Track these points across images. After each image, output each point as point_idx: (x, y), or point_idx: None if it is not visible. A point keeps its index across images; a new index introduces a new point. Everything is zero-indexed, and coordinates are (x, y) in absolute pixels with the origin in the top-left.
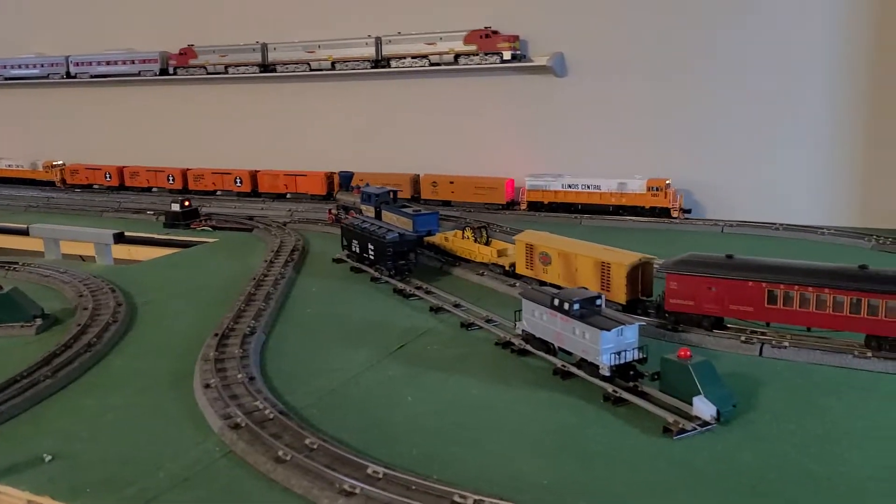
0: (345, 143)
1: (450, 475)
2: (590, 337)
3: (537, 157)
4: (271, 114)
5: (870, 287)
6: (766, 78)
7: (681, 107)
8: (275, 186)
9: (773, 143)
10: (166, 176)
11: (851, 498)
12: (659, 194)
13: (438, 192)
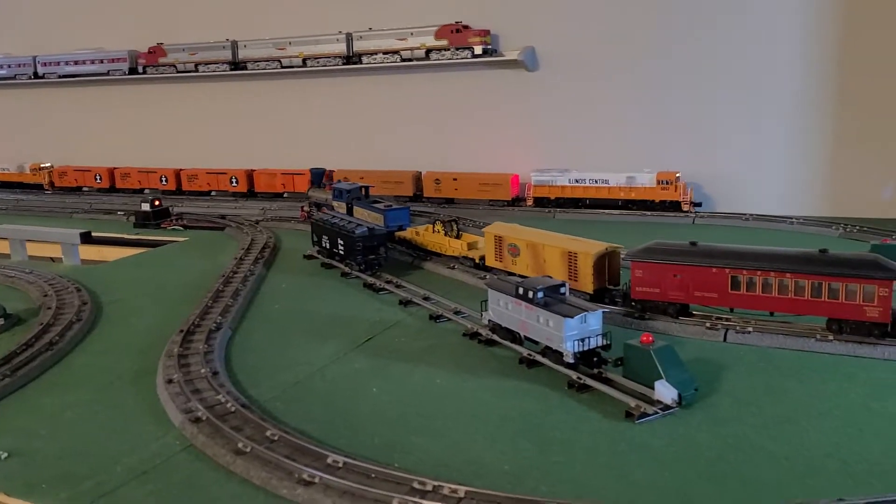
0: (319, 140)
1: (411, 463)
2: (553, 324)
3: (511, 151)
4: (243, 112)
5: (830, 271)
6: (738, 71)
7: (654, 100)
8: (272, 186)
9: (745, 136)
10: (159, 177)
11: (808, 475)
12: (669, 188)
13: (442, 190)
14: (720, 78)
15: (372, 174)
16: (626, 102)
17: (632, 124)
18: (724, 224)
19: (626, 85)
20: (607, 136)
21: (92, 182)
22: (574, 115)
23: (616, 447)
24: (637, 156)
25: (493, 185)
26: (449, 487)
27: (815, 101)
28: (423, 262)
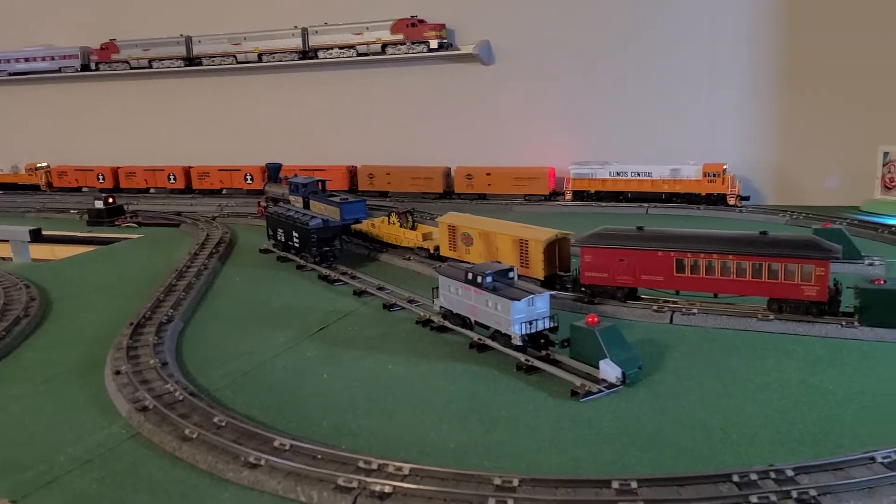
0: (275, 135)
1: (358, 444)
2: (502, 308)
3: (470, 145)
4: (199, 108)
5: (770, 252)
6: (688, 62)
7: (606, 92)
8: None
9: (696, 127)
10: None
11: (741, 444)
12: (716, 180)
13: (474, 186)
14: (671, 69)
15: (400, 170)
16: (580, 95)
17: (585, 117)
18: (677, 214)
19: (578, 78)
20: (564, 129)
21: (95, 182)
22: (530, 109)
23: (560, 424)
24: (594, 149)
25: (528, 179)
26: (394, 465)
27: (762, 93)
28: (378, 254)
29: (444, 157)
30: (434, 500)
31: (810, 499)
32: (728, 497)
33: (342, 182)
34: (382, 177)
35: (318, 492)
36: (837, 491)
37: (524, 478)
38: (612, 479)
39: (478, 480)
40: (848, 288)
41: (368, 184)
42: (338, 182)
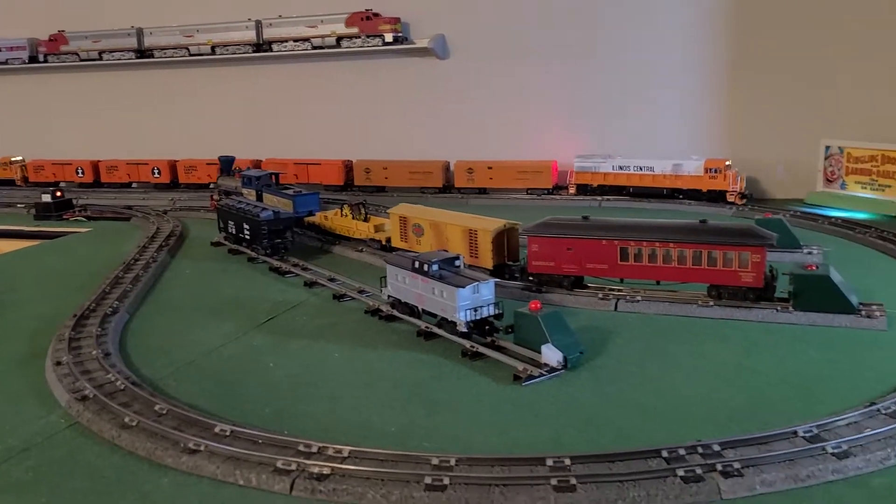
0: (228, 128)
1: (301, 429)
2: (447, 295)
3: (427, 138)
4: (149, 101)
5: (709, 240)
6: (639, 56)
7: (560, 86)
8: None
9: (643, 121)
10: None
11: (674, 422)
12: (717, 176)
13: (475, 180)
14: (617, 64)
15: (397, 165)
16: (539, 87)
17: (543, 108)
18: (627, 207)
19: (537, 71)
20: (521, 122)
21: (74, 176)
22: (486, 103)
23: (501, 407)
24: (546, 143)
25: (532, 172)
26: (334, 448)
27: (710, 89)
28: (331, 247)
29: (408, 151)
30: (372, 481)
31: (734, 471)
32: (657, 471)
33: (337, 177)
34: (379, 171)
35: (256, 475)
36: (760, 463)
37: (461, 457)
38: (547, 456)
39: (416, 461)
40: (783, 275)
41: (365, 178)
42: (333, 177)
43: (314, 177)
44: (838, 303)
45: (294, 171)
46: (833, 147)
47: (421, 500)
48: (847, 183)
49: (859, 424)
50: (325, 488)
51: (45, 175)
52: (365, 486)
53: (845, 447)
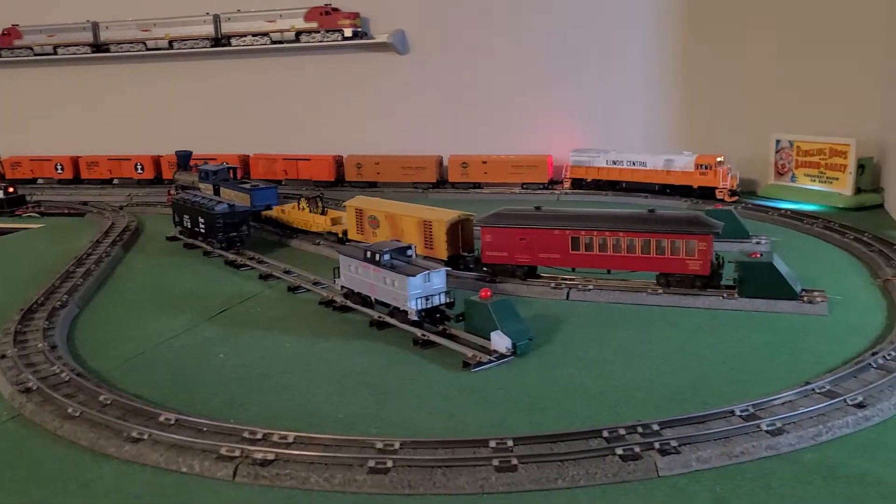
0: (188, 124)
1: (248, 417)
2: (398, 284)
3: (383, 133)
4: (105, 96)
5: (657, 228)
6: (592, 52)
7: (520, 82)
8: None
9: (599, 116)
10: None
11: (618, 405)
12: (707, 173)
13: (469, 174)
14: (577, 61)
15: (390, 160)
16: (497, 83)
17: (503, 105)
18: (588, 200)
19: (498, 66)
20: (481, 117)
21: (53, 172)
22: (446, 98)
23: (449, 393)
24: (508, 138)
25: (528, 167)
26: (279, 434)
27: (665, 85)
28: (289, 240)
29: (383, 147)
30: (316, 465)
31: (671, 448)
32: (596, 450)
33: (328, 172)
34: (371, 167)
35: (199, 462)
36: (696, 441)
37: (406, 441)
38: (490, 438)
39: (361, 445)
40: (728, 262)
41: (356, 174)
42: (323, 172)
43: (304, 172)
44: (781, 289)
45: (283, 166)
46: (783, 141)
47: (364, 483)
48: (797, 176)
49: (794, 403)
50: (268, 473)
51: (22, 172)
52: (308, 471)
53: (779, 424)
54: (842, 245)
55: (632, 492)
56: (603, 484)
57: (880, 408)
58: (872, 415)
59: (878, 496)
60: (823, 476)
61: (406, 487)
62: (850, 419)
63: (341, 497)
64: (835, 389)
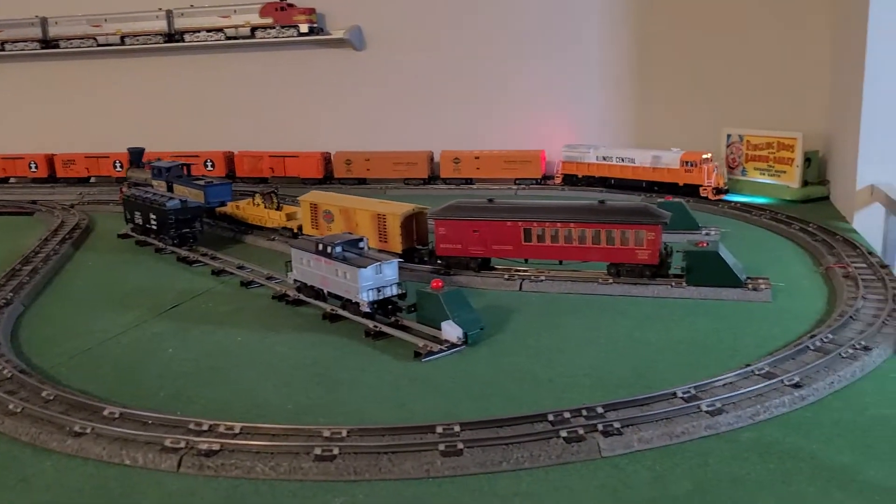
0: (141, 120)
1: (195, 410)
2: (350, 276)
3: (343, 130)
4: (54, 93)
5: (607, 219)
6: (542, 48)
7: (476, 77)
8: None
9: (554, 112)
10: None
11: (565, 390)
12: (693, 170)
13: (461, 170)
14: (529, 60)
15: (381, 156)
16: (455, 79)
17: (460, 102)
18: (546, 194)
19: (454, 62)
20: (436, 114)
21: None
22: (403, 94)
23: (400, 382)
24: (455, 135)
25: (521, 162)
26: (225, 425)
27: (618, 81)
28: (244, 236)
29: (323, 143)
30: (262, 454)
31: (613, 430)
32: (541, 433)
33: (316, 169)
34: (361, 163)
35: (143, 454)
36: (639, 423)
37: (353, 428)
38: (437, 424)
39: (308, 434)
40: (677, 252)
41: (345, 170)
42: (312, 169)
43: (291, 170)
44: (727, 277)
45: (270, 163)
46: (734, 135)
47: (310, 471)
48: (747, 169)
49: (734, 385)
50: (213, 464)
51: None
52: (254, 460)
53: (719, 405)
54: (788, 235)
55: (574, 472)
56: (547, 466)
57: (815, 388)
58: (808, 394)
59: (809, 470)
60: (759, 453)
61: (352, 474)
62: (787, 399)
63: (287, 485)
64: (773, 371)
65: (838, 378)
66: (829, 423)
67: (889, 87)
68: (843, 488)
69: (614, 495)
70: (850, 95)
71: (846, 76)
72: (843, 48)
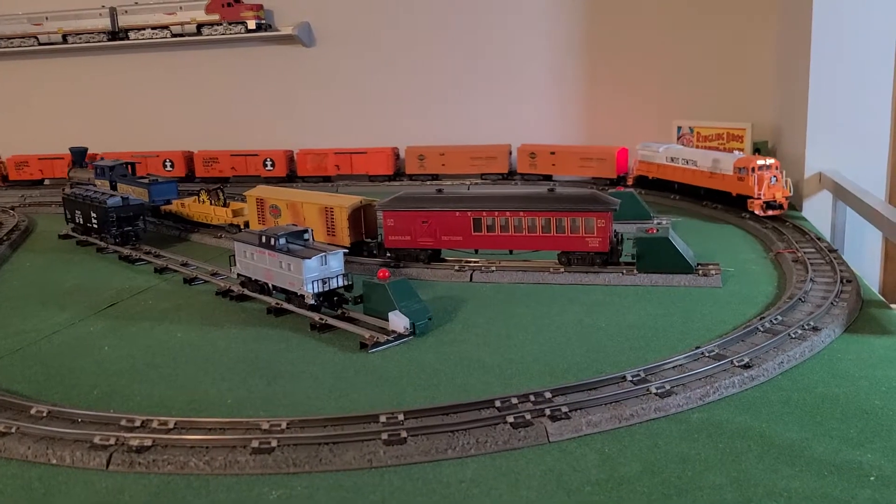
0: (86, 121)
1: (129, 407)
2: (294, 268)
3: (297, 128)
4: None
5: (556, 207)
6: (493, 48)
7: (427, 73)
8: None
9: (505, 108)
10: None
11: (515, 377)
12: (744, 178)
13: (537, 165)
14: (478, 59)
15: (458, 150)
16: (402, 77)
17: (406, 99)
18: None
19: (404, 60)
20: (386, 111)
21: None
22: (353, 91)
23: (345, 374)
24: (416, 132)
25: (597, 160)
26: (159, 420)
27: (566, 72)
28: (189, 235)
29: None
30: (196, 449)
31: (561, 414)
32: (488, 419)
33: (386, 166)
34: (435, 158)
35: (70, 453)
36: (587, 406)
37: (293, 420)
38: (380, 413)
39: (245, 427)
40: (627, 239)
41: (418, 166)
42: (381, 166)
43: (359, 167)
44: (677, 263)
45: (335, 161)
46: (684, 127)
47: (247, 464)
48: None
49: (683, 367)
50: (144, 460)
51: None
52: (188, 455)
53: (668, 387)
54: (738, 223)
55: (521, 458)
56: (493, 452)
57: (765, 368)
58: (758, 375)
59: (758, 448)
60: (709, 433)
61: (291, 466)
62: (737, 379)
63: (222, 480)
64: (723, 352)
65: (787, 358)
66: (779, 402)
67: (835, 75)
68: (791, 464)
69: (561, 479)
70: (797, 84)
71: (793, 65)
72: (789, 37)
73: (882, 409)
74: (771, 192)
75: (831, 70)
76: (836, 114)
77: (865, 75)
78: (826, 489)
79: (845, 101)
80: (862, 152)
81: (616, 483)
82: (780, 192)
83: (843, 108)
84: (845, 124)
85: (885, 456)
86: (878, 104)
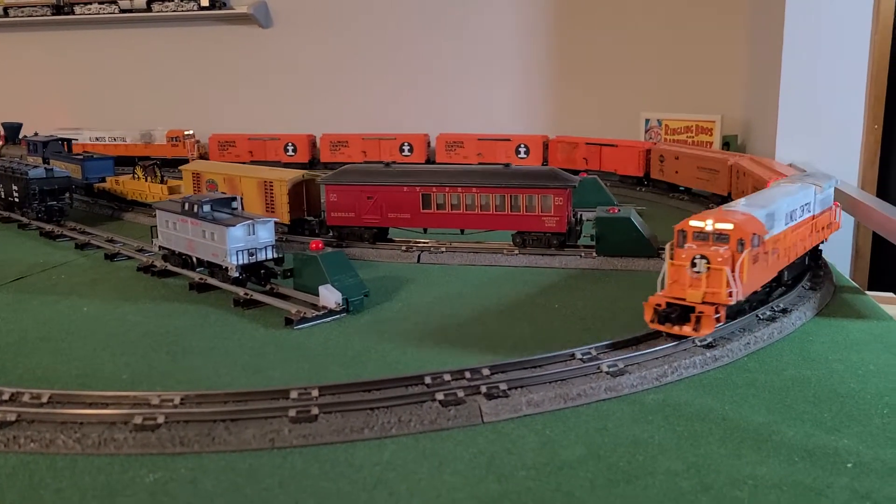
0: (30, 98)
1: (7, 381)
2: (218, 237)
3: (250, 113)
4: None
5: (512, 183)
6: (464, 35)
7: (390, 58)
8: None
9: (474, 98)
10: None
11: (454, 355)
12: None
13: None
14: (442, 42)
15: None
16: (367, 61)
17: (374, 85)
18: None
19: (367, 43)
20: (354, 96)
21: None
22: (312, 75)
23: (264, 350)
24: (370, 118)
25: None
26: (31, 394)
27: (532, 63)
28: (124, 213)
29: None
30: (68, 425)
31: (499, 392)
32: (412, 395)
33: (636, 166)
34: (671, 163)
35: None
36: (529, 384)
37: (189, 394)
38: (292, 388)
39: (133, 401)
40: (587, 221)
41: (657, 170)
42: (631, 165)
43: (608, 163)
44: (639, 244)
45: (585, 153)
46: (652, 120)
47: (125, 443)
48: None
49: (639, 346)
50: (4, 437)
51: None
52: (56, 432)
53: (621, 365)
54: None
55: (449, 439)
56: (417, 432)
57: (729, 349)
58: (721, 355)
59: (720, 431)
60: (665, 415)
61: (178, 445)
62: (698, 359)
63: (93, 460)
64: None
65: (755, 339)
66: (744, 384)
67: (806, 66)
68: (757, 449)
69: (492, 462)
70: (768, 75)
71: (765, 58)
72: (761, 29)
73: (859, 393)
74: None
75: (803, 60)
76: (807, 104)
77: (838, 67)
78: (797, 476)
79: (818, 93)
80: (834, 146)
81: (555, 468)
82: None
83: (815, 101)
84: (817, 118)
85: (863, 441)
86: (851, 97)
